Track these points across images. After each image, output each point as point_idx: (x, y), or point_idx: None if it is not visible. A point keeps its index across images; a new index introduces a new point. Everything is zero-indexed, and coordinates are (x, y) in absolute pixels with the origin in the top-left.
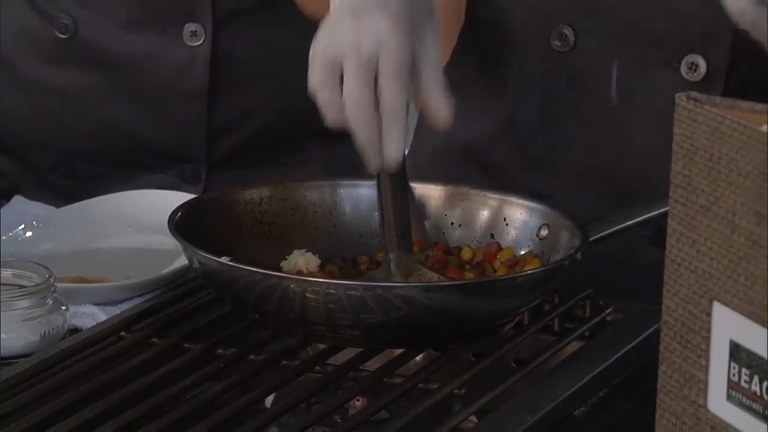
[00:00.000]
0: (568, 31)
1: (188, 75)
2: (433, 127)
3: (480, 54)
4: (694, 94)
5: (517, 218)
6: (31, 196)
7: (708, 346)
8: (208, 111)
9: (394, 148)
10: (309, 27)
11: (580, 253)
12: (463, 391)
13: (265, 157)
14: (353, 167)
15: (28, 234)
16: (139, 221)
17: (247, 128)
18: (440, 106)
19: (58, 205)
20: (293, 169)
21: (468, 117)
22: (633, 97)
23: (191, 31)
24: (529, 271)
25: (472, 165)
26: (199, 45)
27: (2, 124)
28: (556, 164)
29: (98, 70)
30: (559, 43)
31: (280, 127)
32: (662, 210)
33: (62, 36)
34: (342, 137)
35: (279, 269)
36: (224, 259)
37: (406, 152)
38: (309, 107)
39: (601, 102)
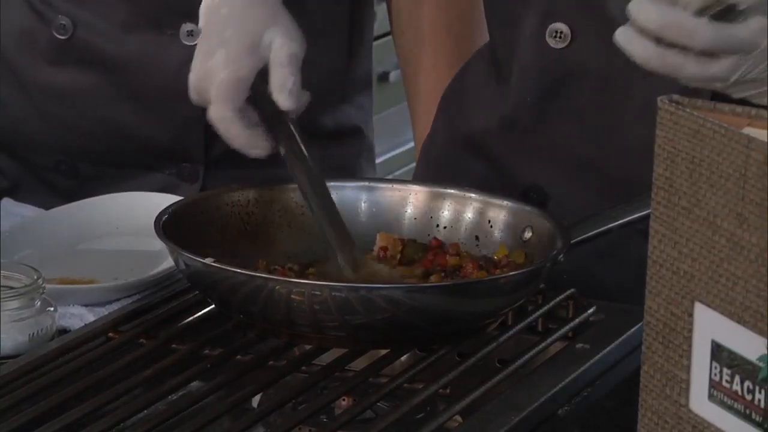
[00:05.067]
0: (564, 28)
1: (186, 74)
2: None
3: (480, 51)
4: (676, 97)
5: (502, 220)
6: (31, 195)
7: (690, 346)
8: (205, 110)
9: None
10: (305, 26)
11: (562, 255)
12: (448, 390)
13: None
14: (348, 168)
15: (17, 235)
16: (127, 223)
17: None
18: (279, 99)
19: (58, 205)
20: (286, 169)
21: (470, 112)
22: (628, 96)
23: (188, 31)
24: (512, 273)
25: (475, 158)
26: (196, 44)
27: (2, 124)
28: (553, 157)
29: (97, 70)
30: (554, 40)
31: None
32: (645, 212)
33: (60, 37)
34: (336, 138)
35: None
36: (208, 260)
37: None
38: (304, 108)
39: (597, 99)
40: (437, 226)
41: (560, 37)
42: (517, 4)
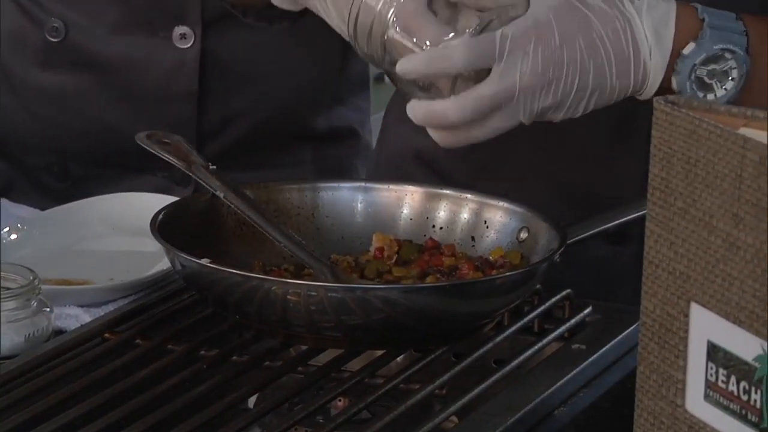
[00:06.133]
0: None
1: (178, 77)
2: None
3: None
4: (671, 97)
5: (498, 221)
6: (24, 197)
7: (686, 346)
8: (197, 113)
9: None
10: (298, 29)
11: (557, 256)
12: (444, 391)
13: (255, 159)
14: (342, 169)
15: (13, 236)
16: (123, 224)
17: (237, 130)
18: None
19: (50, 206)
20: (283, 171)
21: (416, 126)
22: None
23: (180, 34)
24: (508, 273)
25: (424, 170)
26: (189, 47)
27: None
28: (498, 168)
29: (89, 72)
30: None
31: (270, 129)
32: (640, 213)
33: (53, 40)
34: (330, 139)
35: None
36: (204, 261)
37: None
38: (298, 109)
39: None
40: (433, 226)
41: None
42: None
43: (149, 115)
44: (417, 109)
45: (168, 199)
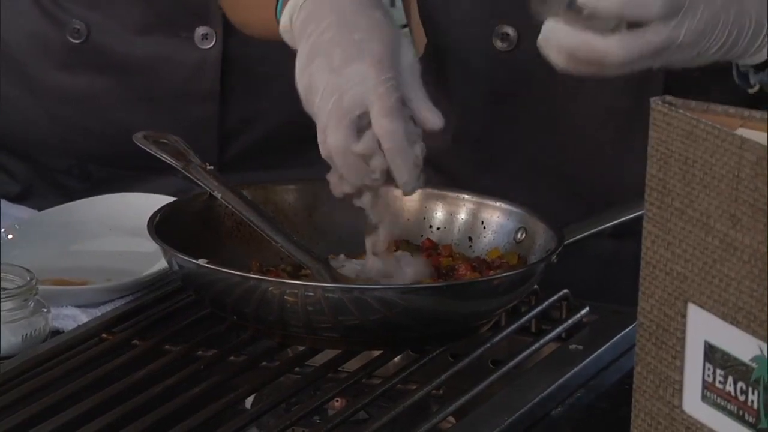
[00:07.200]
0: (510, 31)
1: (200, 77)
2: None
3: (426, 58)
4: (669, 98)
5: (495, 221)
6: (44, 199)
7: (683, 347)
8: (219, 113)
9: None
10: None
11: (555, 256)
12: (441, 391)
13: (274, 158)
14: None
15: (10, 237)
16: (121, 224)
17: (257, 130)
18: (430, 117)
19: None
20: (300, 171)
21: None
22: (577, 95)
23: (203, 35)
24: (505, 274)
25: (428, 168)
26: (211, 48)
27: (15, 128)
28: (504, 164)
29: (111, 74)
30: (501, 43)
31: (289, 129)
32: (638, 213)
33: (75, 41)
34: None
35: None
36: (201, 261)
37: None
38: None
39: (546, 100)
40: (430, 227)
41: (507, 40)
42: (460, 7)
43: (171, 115)
44: (572, 37)
45: (165, 200)
